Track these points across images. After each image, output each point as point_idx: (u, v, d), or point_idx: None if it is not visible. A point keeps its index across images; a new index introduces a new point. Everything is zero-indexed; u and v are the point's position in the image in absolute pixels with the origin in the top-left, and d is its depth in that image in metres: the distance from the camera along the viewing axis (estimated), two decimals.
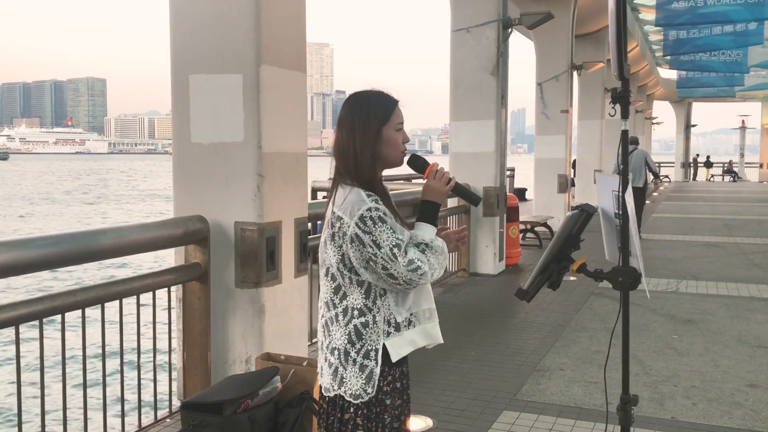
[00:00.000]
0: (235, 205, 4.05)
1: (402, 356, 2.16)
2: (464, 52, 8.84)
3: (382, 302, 2.12)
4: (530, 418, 4.06)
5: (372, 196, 2.08)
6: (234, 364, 4.15)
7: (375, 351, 2.11)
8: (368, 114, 2.13)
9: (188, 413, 3.26)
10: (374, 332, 2.12)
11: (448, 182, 2.16)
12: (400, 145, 2.16)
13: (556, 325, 6.17)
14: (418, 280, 2.06)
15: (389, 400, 2.16)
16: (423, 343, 2.21)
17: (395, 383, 2.18)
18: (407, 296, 2.15)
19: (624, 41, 2.18)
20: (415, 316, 2.18)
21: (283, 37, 4.16)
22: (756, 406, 4.25)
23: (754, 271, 9.02)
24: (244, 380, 3.43)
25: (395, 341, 2.14)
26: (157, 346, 3.95)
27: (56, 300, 3.17)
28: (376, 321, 2.12)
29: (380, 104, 2.16)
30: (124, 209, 36.33)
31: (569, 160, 14.02)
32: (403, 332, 2.15)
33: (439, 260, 2.11)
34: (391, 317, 2.13)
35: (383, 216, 2.04)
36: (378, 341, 2.12)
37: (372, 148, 2.12)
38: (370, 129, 2.11)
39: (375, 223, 2.03)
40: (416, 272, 2.04)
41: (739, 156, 43.38)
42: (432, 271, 2.08)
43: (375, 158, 2.13)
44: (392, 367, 2.16)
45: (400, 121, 2.16)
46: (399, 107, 2.18)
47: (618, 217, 2.37)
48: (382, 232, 2.03)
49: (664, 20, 11.88)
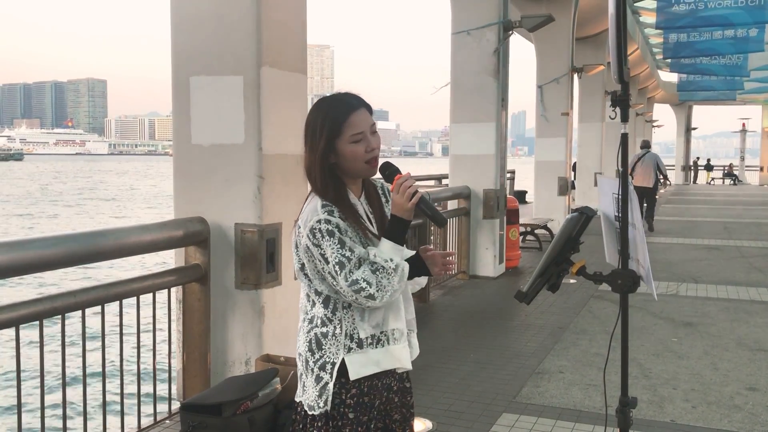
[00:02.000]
0: (236, 207, 4.06)
1: (363, 375, 2.01)
2: (464, 55, 8.85)
3: (345, 315, 2.02)
4: (530, 421, 4.06)
5: (327, 207, 1.98)
6: (233, 366, 4.15)
7: (332, 365, 2.01)
8: (316, 130, 2.01)
9: (188, 414, 3.26)
10: (334, 345, 2.01)
11: (412, 197, 1.96)
12: (361, 155, 2.00)
13: (555, 328, 6.17)
14: (364, 303, 1.93)
15: (353, 414, 2.02)
16: (389, 366, 2.05)
17: (362, 397, 2.03)
18: (374, 313, 2.01)
19: (624, 44, 2.18)
20: (385, 335, 2.04)
21: (283, 39, 4.17)
22: (755, 409, 4.25)
23: (754, 274, 9.02)
24: (243, 382, 3.43)
25: (357, 358, 2.01)
26: (156, 348, 3.95)
27: (56, 301, 3.17)
28: (335, 334, 2.02)
29: (330, 117, 2.00)
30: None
31: (569, 162, 14.03)
32: (368, 350, 2.01)
33: (392, 282, 1.94)
34: (354, 332, 2.01)
35: (332, 230, 1.94)
36: (337, 355, 2.01)
37: (324, 165, 2.01)
38: (320, 146, 2.00)
39: (323, 236, 1.94)
40: (360, 293, 1.92)
41: (740, 159, 43.38)
42: (382, 294, 1.92)
43: (333, 173, 2.03)
44: (360, 381, 2.02)
45: (358, 131, 1.99)
46: (359, 113, 2.01)
47: (618, 220, 2.37)
48: (329, 246, 1.94)
49: (664, 23, 11.88)
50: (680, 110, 41.89)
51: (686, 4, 11.48)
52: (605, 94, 17.58)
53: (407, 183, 1.97)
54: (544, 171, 13.73)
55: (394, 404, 2.18)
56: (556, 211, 13.34)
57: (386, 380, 2.11)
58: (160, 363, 4.34)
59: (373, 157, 2.03)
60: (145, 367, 3.96)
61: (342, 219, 1.97)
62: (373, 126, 2.05)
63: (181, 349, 4.20)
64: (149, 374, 4.00)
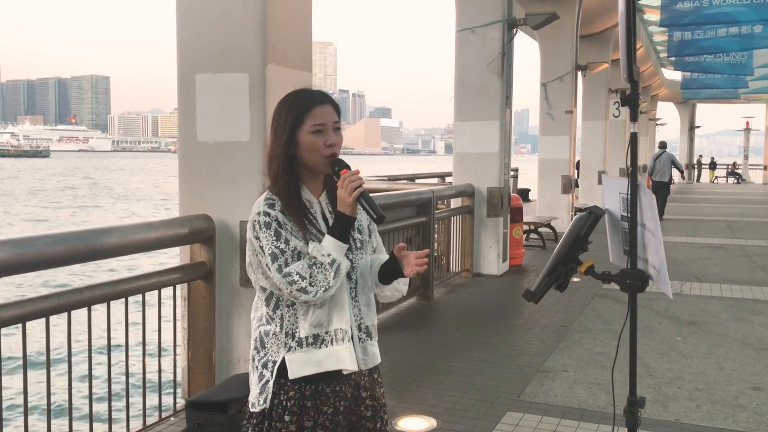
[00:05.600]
0: (241, 204, 4.06)
1: (302, 375, 1.97)
2: (469, 53, 8.84)
3: (287, 313, 1.99)
4: (534, 419, 4.06)
5: (270, 200, 1.98)
6: (238, 363, 4.16)
7: (273, 363, 1.99)
8: (281, 120, 2.02)
9: (193, 412, 3.28)
10: (275, 343, 2.00)
11: (354, 192, 1.94)
12: (320, 149, 1.99)
13: (559, 327, 6.17)
14: (298, 296, 1.91)
15: (288, 416, 1.97)
16: (332, 367, 1.98)
17: (303, 401, 1.98)
18: (316, 312, 1.98)
19: (634, 44, 2.18)
20: (329, 335, 1.99)
21: (289, 37, 4.17)
22: (760, 408, 4.25)
23: (758, 273, 9.00)
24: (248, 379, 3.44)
25: (296, 357, 1.97)
26: (162, 345, 3.96)
27: (63, 298, 3.18)
28: (276, 332, 2.00)
29: (294, 107, 2.01)
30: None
31: (573, 160, 14.02)
32: (309, 350, 1.97)
33: (328, 277, 1.90)
34: (295, 330, 1.98)
35: (270, 222, 1.94)
36: (278, 353, 1.99)
37: (284, 156, 2.00)
38: (283, 133, 2.00)
39: (261, 228, 1.95)
40: (292, 286, 1.89)
41: (743, 158, 43.30)
42: (316, 288, 1.89)
43: (291, 167, 2.02)
44: (301, 383, 1.98)
45: (319, 123, 1.99)
46: (323, 107, 2.01)
47: (625, 220, 2.37)
48: (265, 238, 1.94)
49: (669, 21, 11.84)
50: (684, 108, 41.82)
51: (691, 2, 11.45)
52: (609, 92, 17.55)
53: (351, 178, 1.95)
54: (547, 169, 13.72)
55: (362, 403, 2.11)
56: (560, 210, 13.34)
57: (339, 386, 2.02)
58: (165, 360, 4.34)
59: (333, 153, 2.01)
60: (150, 365, 3.96)
61: (282, 213, 1.96)
62: (336, 123, 2.03)
63: (186, 347, 4.21)
64: (154, 371, 4.01)
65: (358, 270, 2.06)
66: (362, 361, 2.05)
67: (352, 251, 2.03)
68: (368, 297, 2.11)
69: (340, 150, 2.04)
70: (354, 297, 2.06)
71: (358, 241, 2.07)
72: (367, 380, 2.10)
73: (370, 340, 2.09)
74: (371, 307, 2.12)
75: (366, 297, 2.10)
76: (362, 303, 2.08)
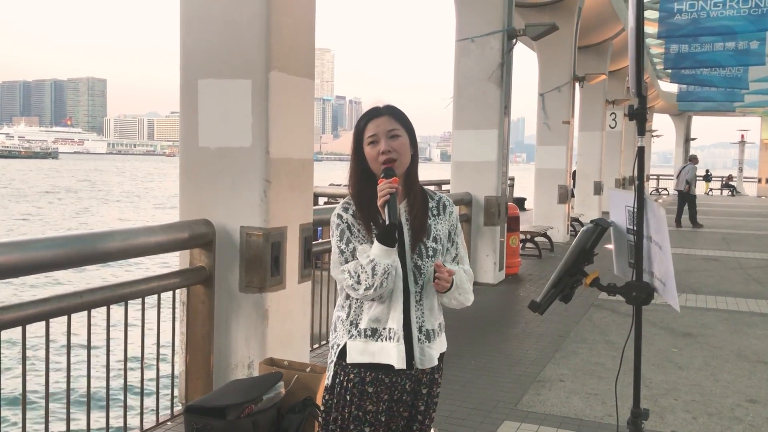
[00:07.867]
0: (241, 210, 4.06)
1: (358, 362, 2.18)
2: (468, 62, 8.87)
3: (354, 303, 2.21)
4: (531, 429, 4.06)
5: (346, 204, 2.24)
6: (236, 369, 4.15)
7: (337, 345, 2.23)
8: (353, 138, 2.28)
9: (192, 417, 3.27)
10: (342, 329, 2.23)
11: (379, 200, 2.14)
12: (376, 157, 2.19)
13: (555, 336, 6.18)
14: (349, 292, 2.16)
15: (349, 396, 2.19)
16: (385, 361, 2.16)
17: (364, 385, 2.18)
18: (376, 306, 2.17)
19: (642, 59, 2.19)
20: (385, 331, 2.17)
21: (292, 44, 4.18)
22: (756, 421, 4.26)
23: (753, 285, 9.04)
24: (247, 385, 3.44)
25: (356, 345, 2.19)
26: (160, 349, 3.95)
27: (63, 301, 3.18)
28: (343, 319, 2.23)
29: (359, 123, 2.26)
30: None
31: (569, 170, 14.06)
32: (367, 341, 2.18)
33: (368, 280, 2.09)
34: (358, 321, 2.20)
35: (340, 223, 2.20)
36: (343, 338, 2.22)
37: (356, 167, 2.25)
38: (354, 148, 2.26)
39: (332, 229, 2.22)
40: (344, 282, 2.16)
41: (738, 170, 43.47)
42: (358, 287, 2.11)
43: (368, 177, 2.22)
44: (360, 369, 2.19)
45: (371, 134, 2.20)
46: (379, 119, 2.21)
47: (631, 233, 2.38)
48: (334, 237, 2.21)
49: (666, 33, 11.88)
50: (679, 120, 41.99)
51: (688, 14, 11.50)
52: (606, 103, 17.61)
53: (381, 187, 2.12)
54: (544, 178, 13.75)
55: (421, 398, 2.27)
56: (556, 219, 13.37)
57: (396, 379, 2.19)
58: (164, 365, 4.33)
59: (386, 159, 2.17)
60: (149, 369, 3.95)
61: (353, 216, 2.20)
62: (392, 131, 2.20)
63: (184, 351, 4.20)
64: (153, 376, 4.00)
65: (425, 276, 2.19)
66: (419, 361, 2.20)
67: (422, 258, 2.18)
68: (432, 302, 2.24)
69: (400, 155, 2.18)
70: (419, 300, 2.20)
71: (431, 249, 2.21)
72: (428, 378, 2.26)
73: (429, 342, 2.22)
74: (434, 311, 2.26)
75: (430, 302, 2.23)
76: (426, 307, 2.22)
